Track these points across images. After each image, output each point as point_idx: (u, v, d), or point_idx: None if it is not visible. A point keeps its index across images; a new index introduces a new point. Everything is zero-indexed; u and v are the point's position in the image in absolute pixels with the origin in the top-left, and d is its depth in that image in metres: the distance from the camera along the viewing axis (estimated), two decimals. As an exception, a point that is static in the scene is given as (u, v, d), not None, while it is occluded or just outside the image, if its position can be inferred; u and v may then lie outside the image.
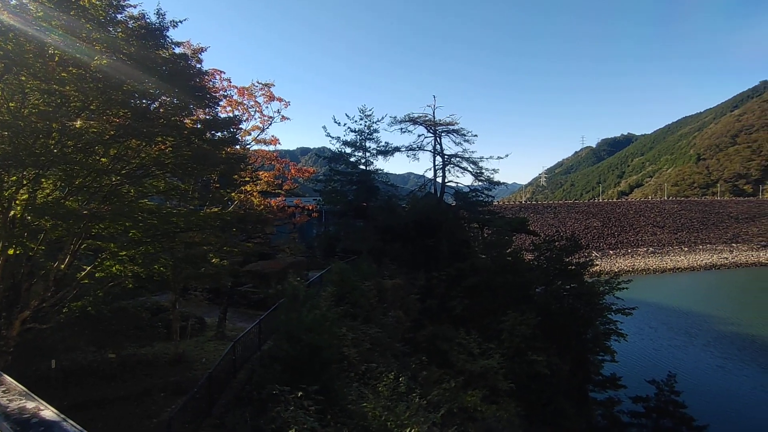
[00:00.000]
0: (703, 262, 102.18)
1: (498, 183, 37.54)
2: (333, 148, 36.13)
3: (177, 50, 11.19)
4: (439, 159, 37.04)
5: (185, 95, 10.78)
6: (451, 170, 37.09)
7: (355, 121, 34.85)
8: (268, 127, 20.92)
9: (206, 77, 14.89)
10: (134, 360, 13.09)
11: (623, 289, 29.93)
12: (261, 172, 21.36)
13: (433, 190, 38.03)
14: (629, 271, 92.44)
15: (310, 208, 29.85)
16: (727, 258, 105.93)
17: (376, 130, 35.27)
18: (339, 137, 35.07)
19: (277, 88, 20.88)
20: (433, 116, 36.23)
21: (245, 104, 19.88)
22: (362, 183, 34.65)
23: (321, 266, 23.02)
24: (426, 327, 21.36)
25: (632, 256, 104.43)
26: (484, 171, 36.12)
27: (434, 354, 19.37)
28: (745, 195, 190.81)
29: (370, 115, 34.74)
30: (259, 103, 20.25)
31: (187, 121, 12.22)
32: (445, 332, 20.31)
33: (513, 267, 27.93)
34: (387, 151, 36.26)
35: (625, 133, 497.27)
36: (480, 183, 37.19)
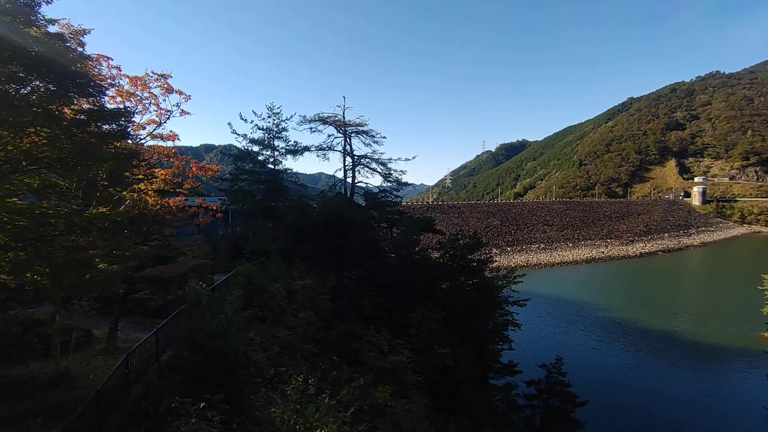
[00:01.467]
0: (585, 256, 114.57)
1: (406, 184, 38.71)
2: (240, 145, 34.65)
3: (52, 29, 9.94)
4: (349, 159, 37.25)
5: (63, 81, 9.59)
6: (361, 171, 37.52)
7: (263, 119, 33.73)
8: (165, 122, 19.43)
9: (89, 62, 13.43)
10: (4, 382, 11.36)
11: (519, 282, 32.52)
12: (158, 170, 19.79)
13: (343, 191, 38.11)
14: (524, 265, 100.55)
15: (215, 208, 28.30)
16: (603, 252, 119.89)
17: (285, 129, 34.49)
18: (246, 135, 33.70)
19: (182, 82, 19.49)
20: (343, 117, 36.34)
21: (138, 95, 18.27)
22: (271, 182, 33.65)
23: (227, 269, 21.91)
24: (337, 327, 21.31)
25: (527, 252, 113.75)
26: (392, 172, 37.02)
27: (345, 353, 19.39)
28: (616, 196, 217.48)
29: (278, 113, 33.86)
30: (155, 95, 18.73)
31: (67, 111, 10.88)
32: (355, 331, 20.45)
33: (421, 265, 29.01)
34: (296, 151, 35.62)
35: (521, 139, 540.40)
36: (389, 184, 38.08)
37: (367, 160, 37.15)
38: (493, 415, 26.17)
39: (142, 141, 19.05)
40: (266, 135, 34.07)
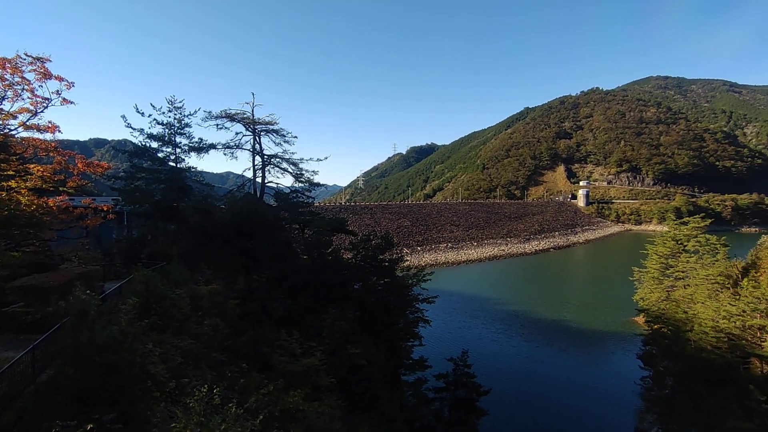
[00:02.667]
0: (488, 253, 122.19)
1: (318, 184, 38.34)
2: (136, 141, 31.80)
3: None
4: (258, 159, 36.00)
5: None
6: (272, 171, 36.46)
7: (163, 113, 31.27)
8: (42, 111, 17.24)
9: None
10: None
11: (428, 280, 33.79)
12: (33, 165, 17.49)
13: (253, 191, 36.73)
14: (433, 264, 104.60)
15: (106, 208, 25.73)
16: (504, 250, 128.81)
17: (187, 125, 32.32)
18: (143, 130, 30.97)
19: (70, 71, 17.38)
20: (252, 114, 35.03)
21: (8, 80, 16.01)
22: (172, 181, 31.35)
23: (121, 275, 20.00)
24: (246, 332, 20.46)
25: (436, 251, 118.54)
26: (304, 172, 36.46)
27: (255, 359, 18.69)
28: (515, 198, 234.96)
29: (180, 107, 31.64)
30: (29, 81, 16.53)
31: None
32: (266, 335, 19.79)
33: (333, 266, 28.88)
34: (201, 148, 33.60)
35: (430, 143, 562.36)
36: (301, 184, 37.42)
37: (277, 159, 36.19)
38: (404, 410, 26.85)
39: (13, 132, 16.71)
40: (166, 130, 31.68)
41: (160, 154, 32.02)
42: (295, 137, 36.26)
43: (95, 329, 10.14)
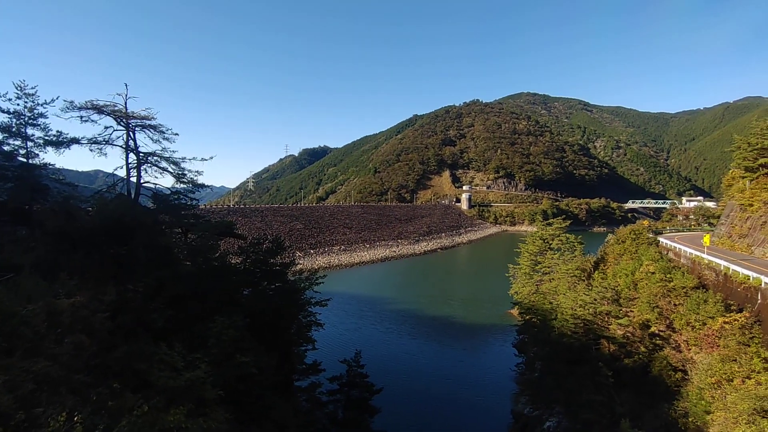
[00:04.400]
0: (380, 255, 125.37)
1: (203, 185, 35.86)
2: (-31, 132, 26.75)
3: None
4: (133, 156, 32.63)
5: None
6: (149, 170, 33.24)
7: (9, 100, 26.76)
8: None
9: None
10: None
11: (321, 283, 33.62)
12: None
13: (127, 191, 33.17)
14: (327, 267, 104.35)
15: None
16: (395, 251, 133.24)
17: (42, 115, 28.00)
18: (-21, 118, 26.17)
19: None
20: (125, 107, 31.64)
21: None
22: (23, 179, 26.96)
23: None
24: (119, 348, 18.42)
25: (329, 254, 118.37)
26: (187, 172, 33.85)
27: (130, 377, 16.90)
28: (405, 201, 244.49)
29: (33, 94, 27.35)
30: None
31: None
32: (143, 350, 17.99)
33: (220, 271, 27.34)
34: (61, 143, 29.37)
35: (323, 145, 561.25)
36: (183, 185, 34.68)
37: (155, 158, 33.12)
38: (298, 416, 26.35)
39: None
40: (15, 120, 27.18)
41: (5, 148, 27.35)
42: (176, 134, 33.51)
43: None
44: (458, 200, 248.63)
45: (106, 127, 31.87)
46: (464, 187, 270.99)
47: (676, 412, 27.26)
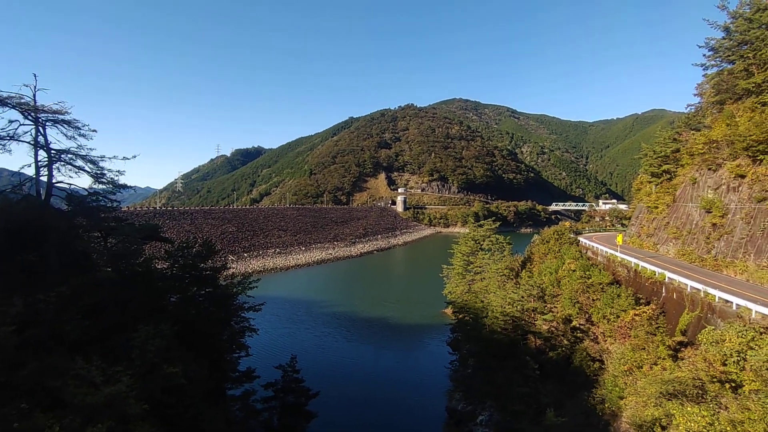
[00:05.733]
0: (316, 258, 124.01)
1: (125, 186, 33.42)
2: None
3: None
4: (43, 154, 29.77)
5: None
6: (62, 169, 30.45)
7: None
8: None
9: None
10: None
11: (254, 288, 32.65)
12: None
13: (36, 192, 30.19)
14: (261, 270, 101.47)
15: None
16: (331, 253, 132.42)
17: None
18: None
19: None
20: (34, 99, 28.81)
21: None
22: None
23: None
24: (27, 364, 16.75)
25: (263, 257, 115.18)
26: (106, 172, 31.41)
27: (42, 396, 15.44)
28: (341, 203, 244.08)
29: None
30: None
31: None
32: (55, 365, 16.48)
33: (144, 277, 25.74)
34: (-47, 138, 26.23)
35: (256, 146, 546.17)
36: (102, 186, 32.15)
37: (70, 155, 30.37)
38: (231, 426, 25.38)
39: None
40: None
41: None
42: (94, 131, 30.92)
43: None
44: (394, 202, 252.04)
45: (11, 121, 28.78)
46: (400, 190, 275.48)
47: (594, 399, 29.46)
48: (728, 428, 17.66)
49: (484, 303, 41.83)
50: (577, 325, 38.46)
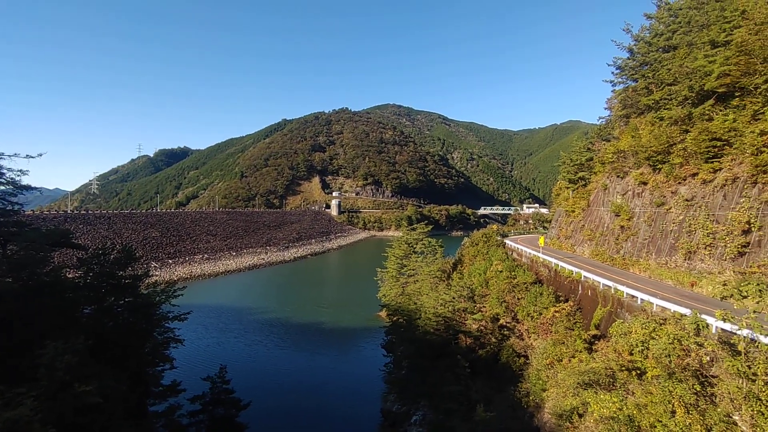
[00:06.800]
0: (248, 263, 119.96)
1: (28, 187, 30.32)
2: None
3: None
4: (-74, 150, 26.26)
5: None
6: (-50, 168, 27.10)
7: None
8: None
9: None
10: None
11: (179, 296, 30.96)
12: None
13: None
14: (188, 278, 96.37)
15: None
16: (264, 258, 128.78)
17: None
18: None
19: None
20: None
21: None
22: None
23: None
24: None
25: (190, 264, 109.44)
26: (6, 171, 28.38)
27: None
28: (274, 207, 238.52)
29: None
30: None
31: None
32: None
33: (53, 288, 23.50)
34: None
35: (182, 146, 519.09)
36: (1, 187, 28.97)
37: (-40, 153, 27.12)
38: (152, 445, 23.83)
39: None
40: None
41: None
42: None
43: None
44: (328, 206, 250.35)
45: None
46: (334, 193, 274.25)
47: (520, 392, 31.08)
48: (634, 411, 19.41)
49: (417, 305, 42.70)
50: (504, 323, 40.42)
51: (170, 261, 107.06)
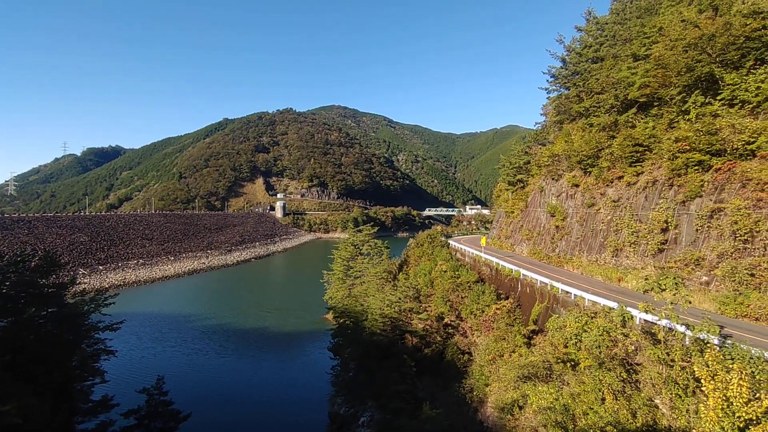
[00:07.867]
0: (187, 268, 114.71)
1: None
2: None
3: None
4: None
5: None
6: None
7: None
8: None
9: None
10: None
11: (111, 304, 29.12)
12: None
13: None
14: (121, 285, 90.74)
15: None
16: (204, 263, 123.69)
17: None
18: None
19: None
20: None
21: None
22: None
23: None
24: None
25: (123, 270, 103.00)
26: None
27: None
28: (215, 209, 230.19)
29: None
30: None
31: None
32: None
33: (-38, 299, 21.33)
34: None
35: (114, 145, 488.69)
36: None
37: None
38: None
39: None
40: None
41: None
42: None
43: None
44: (273, 208, 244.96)
45: None
46: (279, 195, 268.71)
47: (464, 389, 31.94)
48: (569, 401, 20.53)
49: (364, 306, 42.76)
50: (449, 322, 41.41)
51: (101, 267, 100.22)
